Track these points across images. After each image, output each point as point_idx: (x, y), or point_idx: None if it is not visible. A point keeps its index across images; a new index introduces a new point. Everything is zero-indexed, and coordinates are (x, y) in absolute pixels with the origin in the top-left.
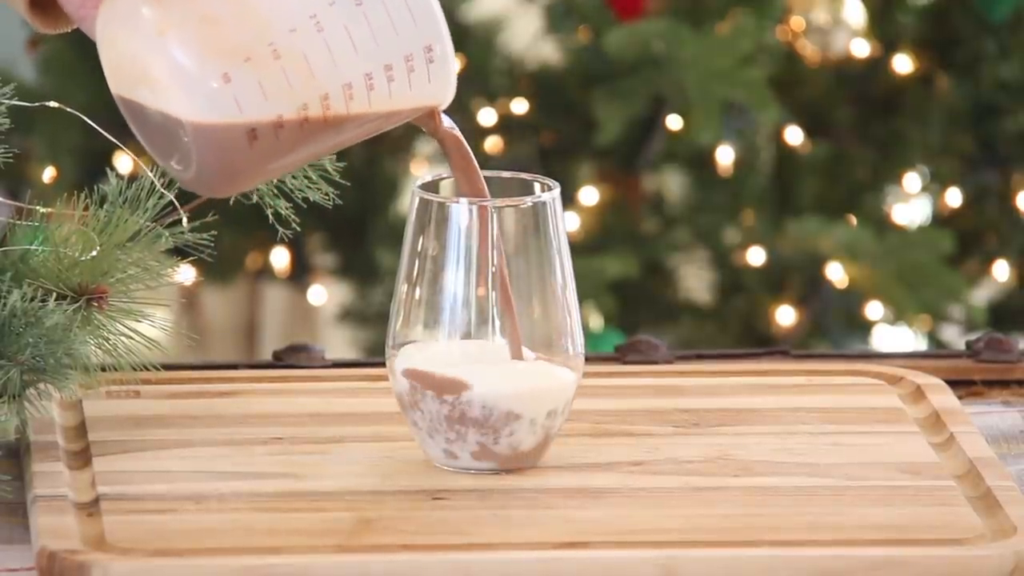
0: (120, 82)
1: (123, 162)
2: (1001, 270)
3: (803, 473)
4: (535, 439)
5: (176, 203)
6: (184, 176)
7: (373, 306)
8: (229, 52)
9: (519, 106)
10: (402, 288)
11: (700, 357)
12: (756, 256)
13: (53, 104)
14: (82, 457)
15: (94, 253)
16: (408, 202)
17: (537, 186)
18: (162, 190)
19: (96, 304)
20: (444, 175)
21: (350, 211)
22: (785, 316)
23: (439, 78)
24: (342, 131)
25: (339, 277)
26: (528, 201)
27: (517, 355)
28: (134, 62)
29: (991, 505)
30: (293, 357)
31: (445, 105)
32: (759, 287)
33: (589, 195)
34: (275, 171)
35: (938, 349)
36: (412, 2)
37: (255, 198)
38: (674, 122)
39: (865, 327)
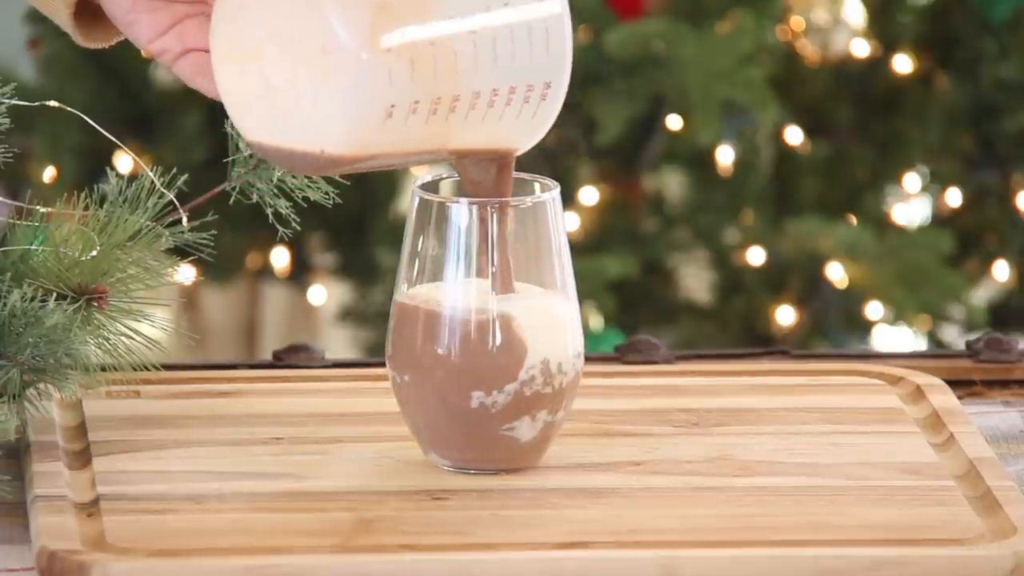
0: (246, 47)
1: (123, 161)
2: (1001, 270)
3: (803, 473)
4: (533, 433)
5: (176, 203)
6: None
7: (373, 306)
8: (394, 26)
9: None
10: (402, 288)
11: (700, 357)
12: (756, 256)
13: (54, 104)
14: (82, 457)
15: (94, 253)
16: (408, 202)
17: (537, 186)
18: (162, 189)
19: (96, 304)
20: (444, 175)
21: (350, 211)
22: (785, 316)
23: (540, 118)
24: (443, 141)
25: (339, 277)
26: (528, 201)
27: (508, 288)
28: (273, 24)
29: (991, 505)
30: (293, 357)
31: (521, 152)
32: (759, 287)
33: (589, 195)
34: (375, 162)
35: (938, 349)
36: (551, 37)
37: (255, 198)
38: (674, 122)
39: (865, 327)
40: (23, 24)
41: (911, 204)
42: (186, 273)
